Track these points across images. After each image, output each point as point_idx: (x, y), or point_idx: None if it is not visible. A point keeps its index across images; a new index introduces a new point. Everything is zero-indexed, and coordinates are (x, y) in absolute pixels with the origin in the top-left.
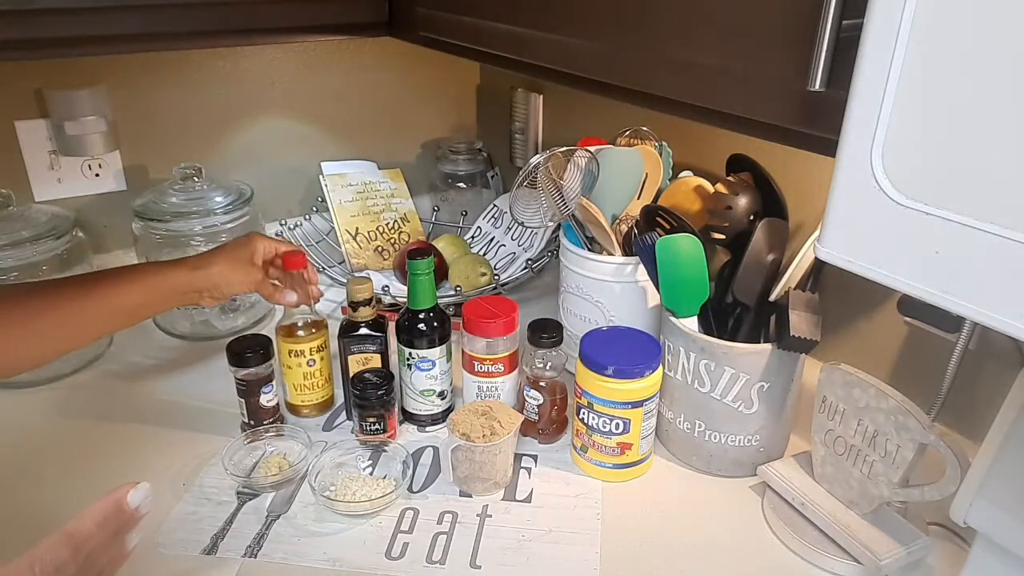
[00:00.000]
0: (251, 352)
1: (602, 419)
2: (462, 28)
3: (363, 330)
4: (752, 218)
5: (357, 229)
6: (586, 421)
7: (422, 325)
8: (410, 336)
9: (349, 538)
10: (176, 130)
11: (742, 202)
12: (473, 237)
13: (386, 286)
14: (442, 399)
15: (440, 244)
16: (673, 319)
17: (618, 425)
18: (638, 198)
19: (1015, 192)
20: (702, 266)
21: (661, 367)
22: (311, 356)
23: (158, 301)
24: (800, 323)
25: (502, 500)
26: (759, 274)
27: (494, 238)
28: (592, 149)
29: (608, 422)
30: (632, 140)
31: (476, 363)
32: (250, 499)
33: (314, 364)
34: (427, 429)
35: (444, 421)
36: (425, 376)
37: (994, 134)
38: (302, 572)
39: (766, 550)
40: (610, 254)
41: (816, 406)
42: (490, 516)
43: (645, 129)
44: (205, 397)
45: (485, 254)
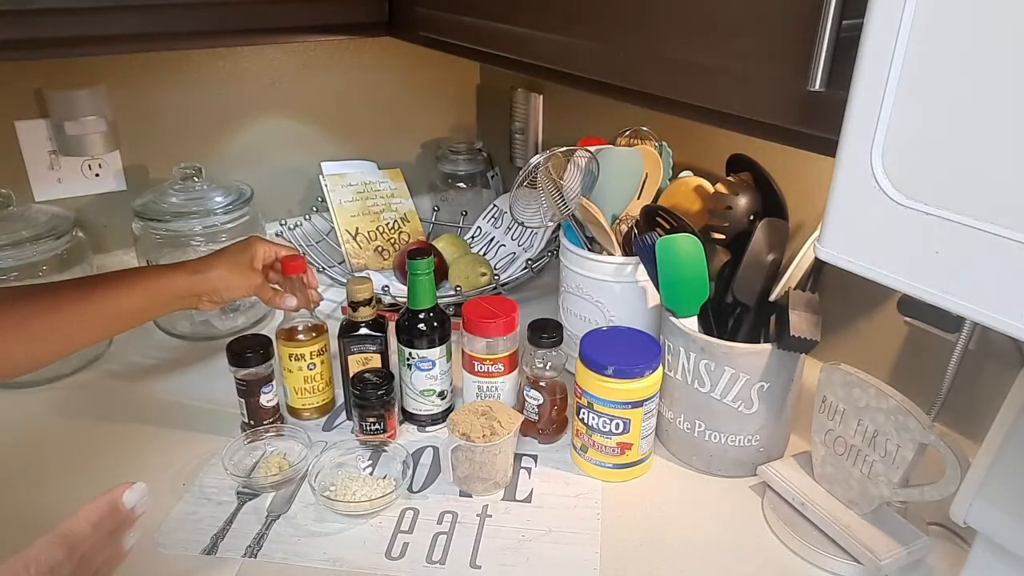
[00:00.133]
0: (251, 352)
1: (602, 419)
2: (462, 28)
3: (363, 330)
4: (752, 218)
5: (357, 229)
6: (586, 421)
7: (422, 325)
8: (410, 336)
9: (349, 538)
10: (176, 130)
11: (742, 202)
12: (473, 237)
13: (386, 286)
14: (442, 399)
15: (440, 244)
16: (673, 319)
17: (618, 425)
18: (638, 198)
19: (1015, 192)
20: (702, 266)
21: (661, 367)
22: (311, 360)
23: (157, 305)
24: (800, 323)
25: (502, 500)
26: (759, 274)
27: (494, 238)
28: (592, 149)
29: (608, 422)
30: (632, 140)
31: (476, 363)
32: (250, 499)
33: (314, 368)
34: (427, 429)
35: (444, 421)
36: (425, 376)
37: (994, 134)
38: (302, 572)
39: (766, 550)
40: (610, 254)
41: (816, 406)
42: (490, 516)
43: (645, 129)
44: (205, 397)
45: (485, 254)
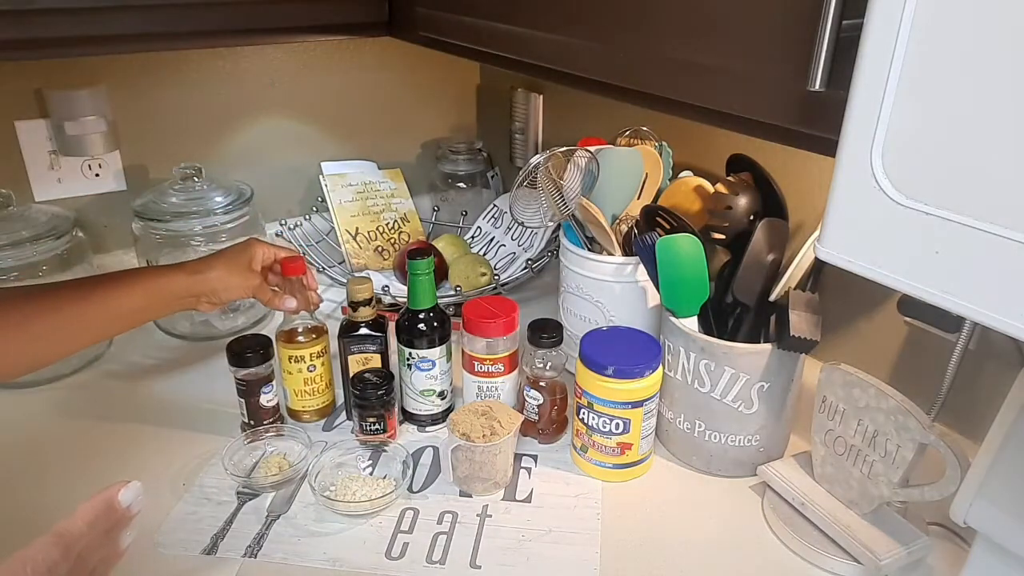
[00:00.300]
0: (251, 352)
1: (602, 419)
2: (462, 28)
3: (363, 330)
4: (752, 218)
5: (357, 229)
6: (586, 421)
7: (422, 325)
8: (410, 336)
9: (349, 538)
10: (176, 130)
11: (742, 202)
12: (473, 237)
13: (386, 286)
14: (442, 399)
15: (440, 244)
16: (673, 319)
17: (618, 425)
18: (638, 198)
19: (1015, 192)
20: (702, 266)
21: (661, 367)
22: (311, 362)
23: (156, 306)
24: (800, 323)
25: (502, 500)
26: (759, 274)
27: (494, 238)
28: (592, 149)
29: (608, 422)
30: (632, 140)
31: (476, 363)
32: (250, 499)
33: (314, 370)
34: (427, 429)
35: (444, 421)
36: (425, 376)
37: (994, 134)
38: (302, 572)
39: (766, 550)
40: (610, 254)
41: (816, 406)
42: (490, 516)
43: (645, 129)
44: (205, 397)
45: (485, 254)
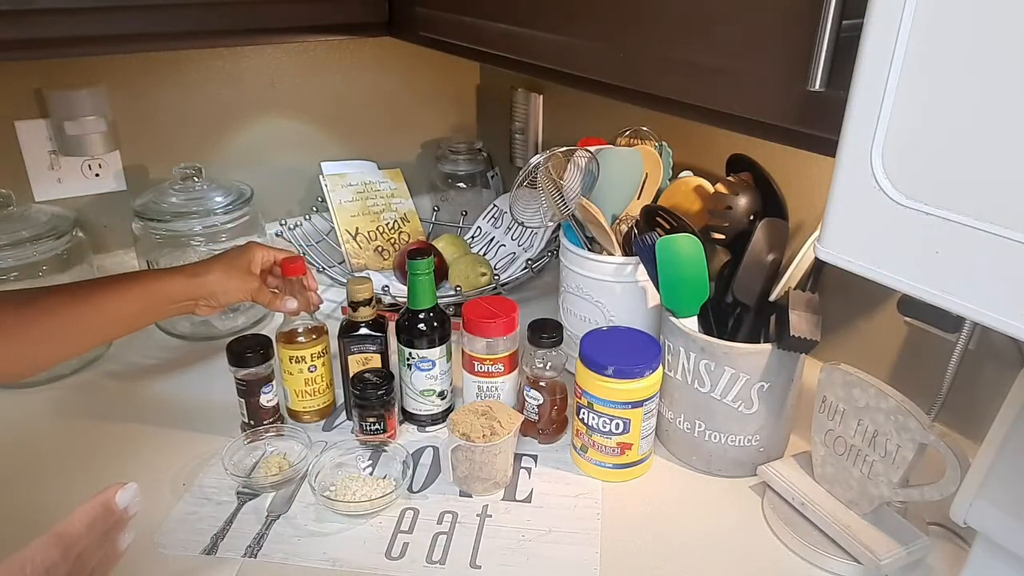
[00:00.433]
0: (251, 352)
1: (602, 419)
2: (462, 28)
3: (363, 330)
4: (752, 218)
5: (357, 229)
6: (586, 421)
7: (422, 325)
8: (410, 336)
9: (349, 538)
10: (176, 130)
11: (742, 202)
12: (473, 237)
13: (386, 286)
14: (442, 399)
15: (440, 244)
16: (673, 319)
17: (618, 425)
18: (638, 198)
19: (1015, 192)
20: (702, 266)
21: (661, 367)
22: (312, 362)
23: (154, 309)
24: (800, 323)
25: (502, 500)
26: (759, 274)
27: (494, 238)
28: (592, 149)
29: (608, 422)
30: (632, 140)
31: (476, 363)
32: (250, 499)
33: (315, 370)
34: (427, 429)
35: (444, 421)
36: (425, 376)
37: (994, 134)
38: (302, 572)
39: (766, 550)
40: (610, 254)
41: (816, 406)
42: (490, 516)
43: (645, 129)
44: (205, 397)
45: (485, 254)
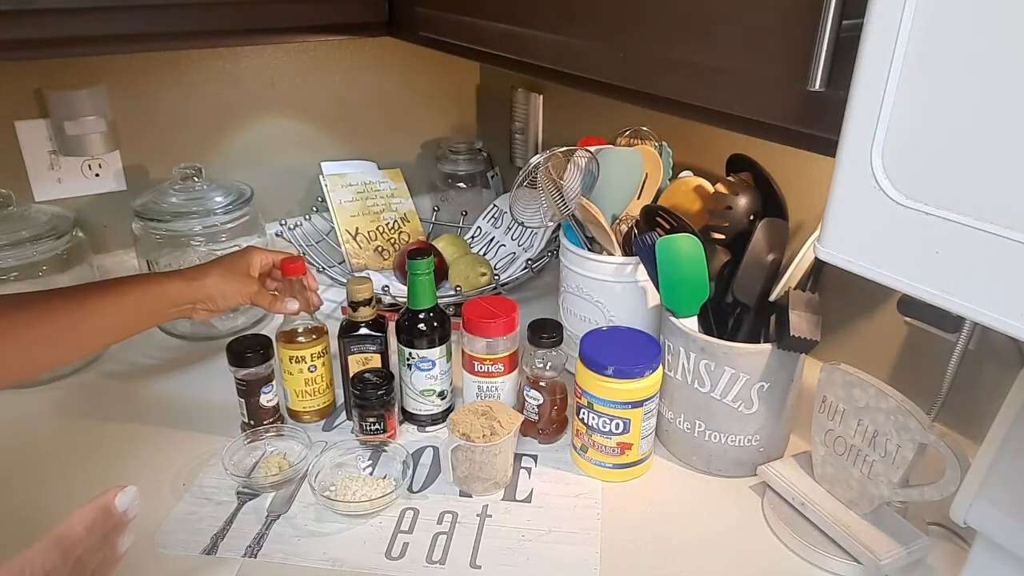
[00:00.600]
0: (251, 352)
1: (602, 419)
2: (462, 28)
3: (363, 330)
4: (752, 218)
5: (357, 229)
6: (586, 421)
7: (422, 325)
8: (410, 336)
9: (349, 538)
10: (176, 130)
11: (742, 202)
12: (473, 237)
13: (386, 286)
14: (442, 399)
15: (440, 244)
16: (673, 319)
17: (618, 425)
18: (638, 198)
19: (1015, 192)
20: (702, 266)
21: (661, 367)
22: (312, 362)
23: (151, 313)
24: (800, 323)
25: (502, 500)
26: (759, 274)
27: (494, 238)
28: (592, 149)
29: (608, 422)
30: (632, 140)
31: (476, 363)
32: (250, 499)
33: (315, 370)
34: (427, 429)
35: (444, 421)
36: (425, 376)
37: (994, 134)
38: (302, 572)
39: (766, 550)
40: (610, 254)
41: (816, 406)
42: (490, 516)
43: (645, 129)
44: (205, 397)
45: (485, 254)
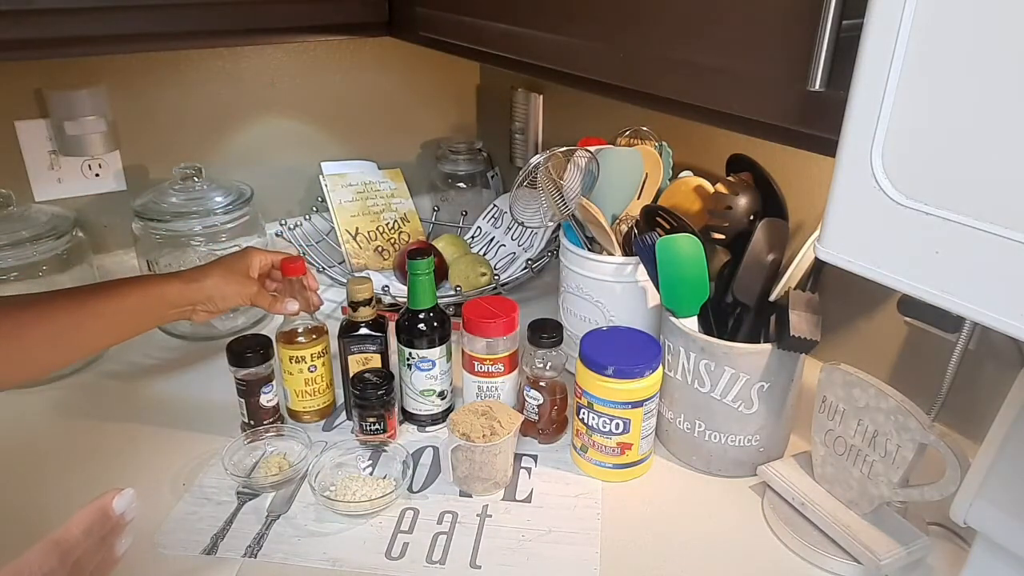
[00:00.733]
0: (251, 352)
1: (602, 419)
2: (462, 28)
3: (363, 330)
4: (752, 218)
5: (357, 229)
6: (586, 421)
7: (422, 325)
8: (410, 336)
9: (349, 538)
10: (176, 130)
11: (742, 202)
12: (473, 237)
13: (386, 286)
14: (442, 399)
15: (440, 244)
16: (673, 319)
17: (618, 425)
18: (638, 198)
19: (1015, 192)
20: (702, 266)
21: (661, 367)
22: (312, 362)
23: (152, 314)
24: (800, 323)
25: (502, 500)
26: (759, 274)
27: (494, 238)
28: (592, 149)
29: (608, 422)
30: (632, 140)
31: (476, 363)
32: (250, 499)
33: (315, 370)
34: (427, 429)
35: (444, 421)
36: (425, 376)
37: (994, 134)
38: (302, 572)
39: (766, 550)
40: (610, 254)
41: (816, 406)
42: (490, 516)
43: (645, 129)
44: (205, 397)
45: (485, 254)
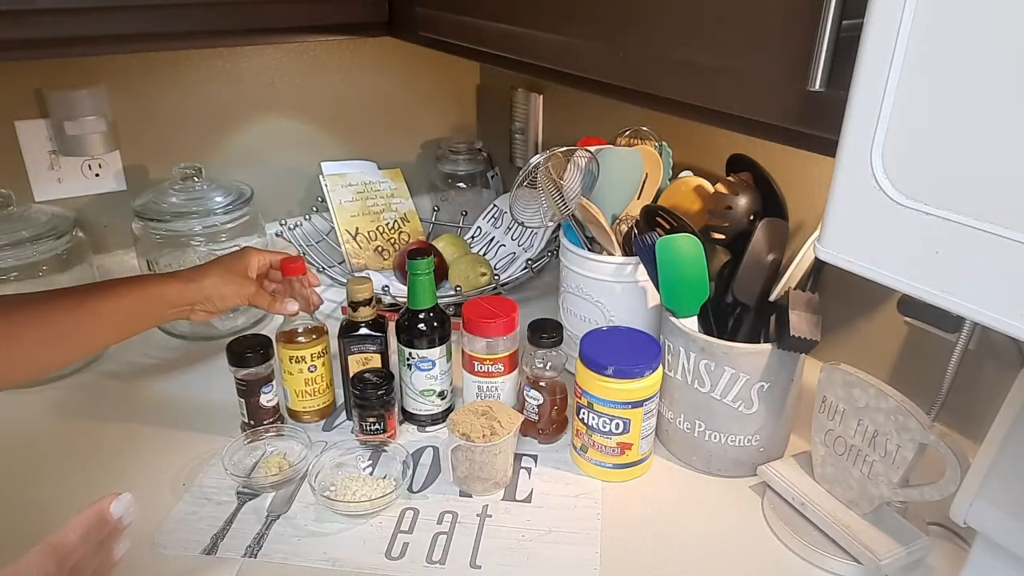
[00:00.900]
0: (251, 352)
1: (602, 419)
2: (462, 28)
3: (363, 330)
4: (752, 218)
5: (357, 229)
6: (586, 421)
7: (422, 325)
8: (410, 336)
9: (349, 538)
10: (176, 130)
11: (742, 202)
12: (473, 237)
13: (386, 286)
14: (442, 399)
15: (440, 244)
16: (673, 319)
17: (618, 425)
18: (638, 198)
19: (1015, 192)
20: (702, 266)
21: (661, 367)
22: (312, 362)
23: (150, 314)
24: (800, 323)
25: (502, 500)
26: (759, 274)
27: (494, 238)
28: (592, 149)
29: (608, 422)
30: (632, 140)
31: (476, 363)
32: (250, 499)
33: (315, 370)
34: (427, 429)
35: (444, 421)
36: (425, 376)
37: (994, 134)
38: (302, 572)
39: (766, 550)
40: (610, 254)
41: (816, 406)
42: (490, 516)
43: (645, 129)
44: (205, 397)
45: (485, 254)
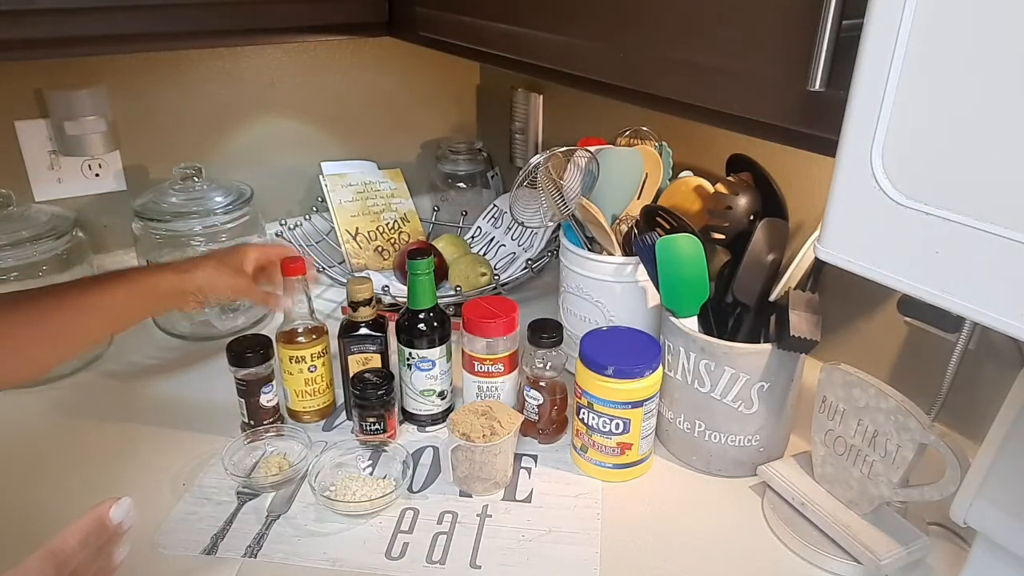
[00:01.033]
0: (251, 352)
1: (602, 419)
2: (462, 28)
3: (363, 330)
4: (752, 218)
5: (357, 229)
6: (586, 421)
7: (422, 325)
8: (410, 336)
9: (349, 538)
10: (176, 130)
11: (742, 202)
12: (473, 237)
13: (386, 286)
14: (442, 399)
15: (440, 244)
16: (673, 319)
17: (618, 425)
18: (638, 198)
19: (1015, 192)
20: (702, 266)
21: (661, 367)
22: (312, 362)
23: (143, 305)
24: (800, 323)
25: (502, 500)
26: (759, 274)
27: (494, 238)
28: (592, 149)
29: (608, 422)
30: (632, 140)
31: (476, 363)
32: (250, 499)
33: (315, 370)
34: (427, 429)
35: (444, 421)
36: (425, 376)
37: (994, 134)
38: (302, 572)
39: (766, 550)
40: (610, 254)
41: (816, 406)
42: (490, 516)
43: (645, 129)
44: (205, 397)
45: (485, 254)
